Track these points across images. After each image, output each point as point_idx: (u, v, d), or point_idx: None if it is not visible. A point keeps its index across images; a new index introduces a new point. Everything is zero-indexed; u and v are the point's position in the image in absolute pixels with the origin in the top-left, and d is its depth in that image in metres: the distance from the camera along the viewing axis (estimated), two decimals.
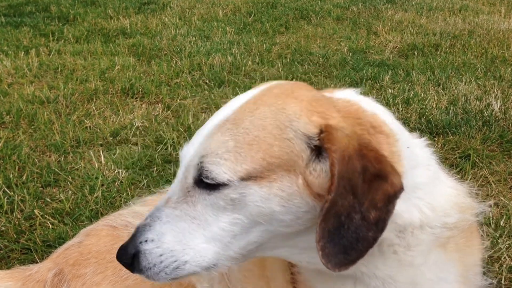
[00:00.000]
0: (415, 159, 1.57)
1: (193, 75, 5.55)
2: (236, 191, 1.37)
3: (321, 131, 1.37)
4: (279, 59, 6.08)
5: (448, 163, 3.62)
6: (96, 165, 3.63)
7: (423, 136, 3.51)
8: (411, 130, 4.07)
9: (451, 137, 3.96)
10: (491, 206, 3.09)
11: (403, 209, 1.50)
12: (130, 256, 1.46)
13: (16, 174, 3.48)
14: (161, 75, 5.50)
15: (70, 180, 3.46)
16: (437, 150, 3.69)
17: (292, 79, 5.36)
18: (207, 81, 5.38)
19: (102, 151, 3.83)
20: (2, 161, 3.64)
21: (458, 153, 3.76)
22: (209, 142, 1.41)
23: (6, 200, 3.16)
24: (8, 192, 3.26)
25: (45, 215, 3.03)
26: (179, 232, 1.44)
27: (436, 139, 3.94)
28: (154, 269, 1.45)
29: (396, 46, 6.45)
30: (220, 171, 1.36)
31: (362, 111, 1.52)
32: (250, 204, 1.37)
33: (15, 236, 2.85)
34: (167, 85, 5.30)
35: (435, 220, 1.58)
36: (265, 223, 1.41)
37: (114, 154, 3.80)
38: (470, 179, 3.38)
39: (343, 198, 1.32)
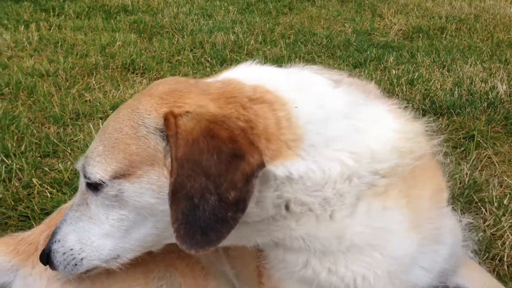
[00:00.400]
0: (325, 113, 1.54)
1: (195, 53, 5.48)
2: (113, 189, 1.50)
3: (164, 120, 1.45)
4: (282, 39, 6.01)
5: (452, 143, 3.58)
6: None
7: (428, 116, 3.45)
8: (415, 110, 4.06)
9: (456, 117, 3.91)
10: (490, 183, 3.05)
11: (312, 168, 1.49)
12: (45, 255, 1.68)
13: (14, 144, 3.43)
14: (163, 52, 5.43)
15: (69, 151, 3.41)
16: (441, 130, 3.66)
17: (295, 59, 5.30)
18: (209, 59, 5.31)
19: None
20: (0, 131, 3.59)
21: (462, 133, 3.72)
22: (89, 147, 1.57)
23: (4, 169, 3.12)
24: (6, 161, 3.22)
25: (44, 184, 2.99)
26: (79, 231, 1.63)
27: (440, 119, 3.90)
28: (60, 267, 1.66)
29: (401, 29, 6.37)
30: (93, 172, 1.50)
31: (239, 88, 1.55)
32: (128, 200, 1.50)
33: (12, 204, 2.81)
34: (168, 62, 5.23)
35: (362, 169, 1.54)
36: (150, 216, 1.52)
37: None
38: (474, 159, 3.34)
39: (192, 180, 1.33)
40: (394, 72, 4.83)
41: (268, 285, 1.75)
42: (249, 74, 1.64)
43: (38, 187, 2.96)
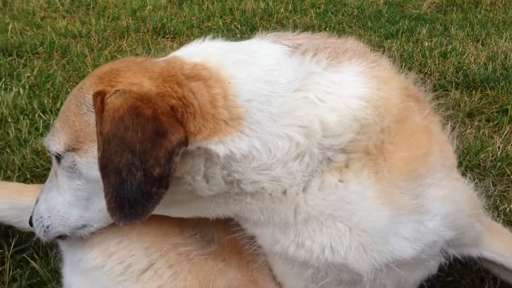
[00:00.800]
0: (270, 88, 1.47)
1: (225, 20, 5.47)
2: (67, 161, 1.59)
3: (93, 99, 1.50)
4: (312, 8, 5.94)
5: (485, 117, 3.55)
6: None
7: (460, 89, 3.39)
8: (448, 83, 4.02)
9: (489, 91, 3.85)
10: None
11: (256, 146, 1.44)
12: (30, 221, 1.83)
13: (50, 101, 3.51)
14: (192, 18, 5.42)
15: None
16: (473, 104, 3.62)
17: (325, 29, 5.25)
18: (239, 26, 5.29)
19: None
20: (37, 88, 3.67)
21: (495, 107, 3.67)
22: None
23: (41, 124, 3.20)
24: (43, 116, 3.30)
25: None
26: (49, 200, 1.74)
27: (473, 92, 3.85)
28: (37, 230, 1.80)
29: (434, 2, 6.23)
30: (50, 145, 1.61)
31: (180, 66, 1.54)
32: (81, 171, 1.59)
33: None
34: (198, 27, 5.23)
35: (314, 146, 1.47)
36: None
37: None
38: (507, 133, 3.32)
39: (119, 155, 1.37)
40: (426, 44, 4.76)
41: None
42: (195, 52, 1.61)
43: None
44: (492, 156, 3.02)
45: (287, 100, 1.47)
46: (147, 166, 1.36)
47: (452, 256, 1.78)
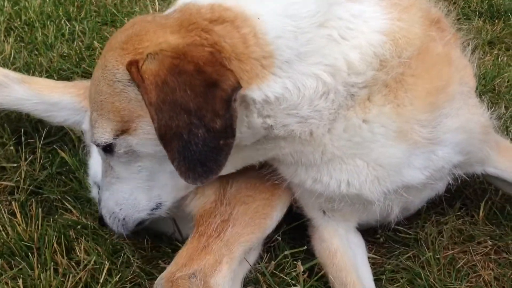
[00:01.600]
0: (295, 24, 1.45)
1: None
2: (121, 146, 1.54)
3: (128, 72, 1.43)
4: None
5: (505, 46, 3.54)
6: (151, 11, 3.67)
7: (483, 18, 3.35)
8: (472, 12, 3.97)
9: None
10: None
11: (288, 87, 1.46)
12: (101, 222, 1.81)
13: (75, 10, 3.56)
14: None
15: (126, 21, 3.52)
16: (495, 33, 3.60)
17: None
18: None
19: None
20: None
21: None
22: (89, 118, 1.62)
23: (67, 30, 3.27)
24: (68, 24, 3.37)
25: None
26: (114, 194, 1.70)
27: (496, 22, 3.82)
28: (114, 228, 1.77)
29: None
30: (98, 137, 1.55)
31: (196, 11, 1.47)
32: (138, 150, 1.54)
33: (77, 60, 3.00)
34: None
35: (339, 83, 1.50)
36: (162, 161, 1.55)
37: (169, 4, 3.82)
38: None
39: (175, 119, 1.34)
40: None
41: None
42: None
43: (99, 50, 3.12)
44: (507, 82, 3.05)
45: (313, 37, 1.47)
46: (206, 122, 1.34)
47: (458, 175, 1.89)
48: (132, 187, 1.66)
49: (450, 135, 1.67)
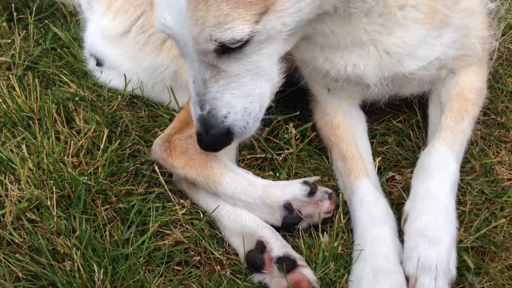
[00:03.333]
0: None
1: None
2: (263, 34, 1.46)
3: None
4: None
5: None
6: None
7: None
8: None
9: None
10: None
11: None
12: (224, 135, 1.60)
13: None
14: None
15: None
16: None
17: None
18: None
19: None
20: None
21: None
22: (202, 14, 1.39)
23: None
24: None
25: None
26: (237, 92, 1.57)
27: None
28: (247, 130, 1.62)
29: None
30: (237, 32, 1.41)
31: None
32: (275, 31, 1.48)
33: None
34: None
35: None
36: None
37: None
38: None
39: None
40: None
41: None
42: None
43: None
44: None
45: None
46: None
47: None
48: (252, 79, 1.59)
49: (460, 15, 1.75)
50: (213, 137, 1.59)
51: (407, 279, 1.55)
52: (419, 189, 1.68)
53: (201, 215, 1.76)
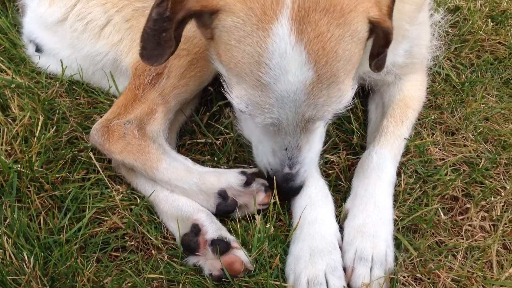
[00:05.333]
0: None
1: None
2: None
3: None
4: None
5: None
6: None
7: None
8: None
9: None
10: None
11: None
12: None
13: None
14: None
15: None
16: None
17: None
18: None
19: None
20: None
21: None
22: (324, 99, 1.42)
23: None
24: None
25: None
26: (313, 147, 1.63)
27: None
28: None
29: None
30: (348, 100, 1.45)
31: None
32: None
33: None
34: None
35: None
36: None
37: None
38: None
39: None
40: None
41: None
42: None
43: None
44: None
45: None
46: None
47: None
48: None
49: (414, 27, 1.82)
50: (297, 189, 1.68)
51: (345, 270, 1.58)
52: (359, 188, 1.75)
53: (139, 201, 1.75)
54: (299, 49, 1.31)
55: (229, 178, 1.71)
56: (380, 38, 1.44)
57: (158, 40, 1.44)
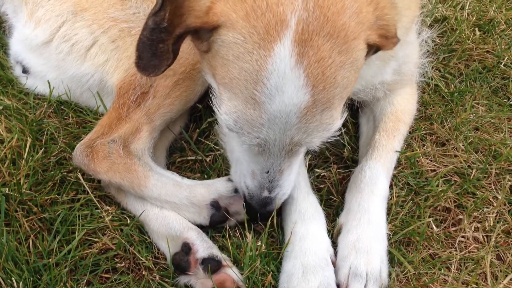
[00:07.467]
0: None
1: None
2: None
3: None
4: None
5: None
6: None
7: None
8: None
9: None
10: None
11: None
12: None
13: None
14: None
15: None
16: None
17: None
18: None
19: None
20: None
21: None
22: (316, 124, 1.40)
23: None
24: None
25: None
26: (294, 170, 1.62)
27: None
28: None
29: None
30: (338, 125, 1.44)
31: None
32: None
33: None
34: None
35: None
36: None
37: None
38: None
39: None
40: None
41: None
42: None
43: None
44: None
45: None
46: None
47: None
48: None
49: (403, 47, 1.80)
50: (270, 212, 1.63)
51: (338, 286, 1.57)
52: (352, 203, 1.74)
53: (129, 221, 1.73)
54: (298, 72, 1.30)
55: (218, 188, 1.71)
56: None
57: (154, 50, 1.41)
